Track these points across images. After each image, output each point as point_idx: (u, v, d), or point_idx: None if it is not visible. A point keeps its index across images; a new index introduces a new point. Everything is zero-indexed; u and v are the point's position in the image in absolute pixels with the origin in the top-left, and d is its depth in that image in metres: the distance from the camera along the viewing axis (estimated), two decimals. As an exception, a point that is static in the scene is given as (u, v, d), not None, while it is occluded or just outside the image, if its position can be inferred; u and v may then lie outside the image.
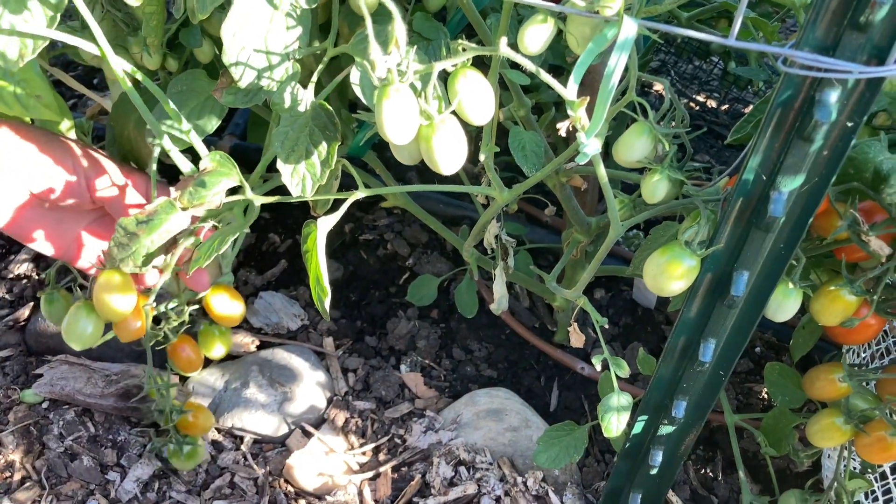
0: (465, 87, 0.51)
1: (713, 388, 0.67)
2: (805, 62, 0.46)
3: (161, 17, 0.70)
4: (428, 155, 0.52)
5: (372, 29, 0.43)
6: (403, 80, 0.48)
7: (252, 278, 1.07)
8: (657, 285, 0.57)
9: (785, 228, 0.54)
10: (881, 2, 0.42)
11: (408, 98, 0.48)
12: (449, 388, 0.98)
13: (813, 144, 0.49)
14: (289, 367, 0.95)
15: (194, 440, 0.82)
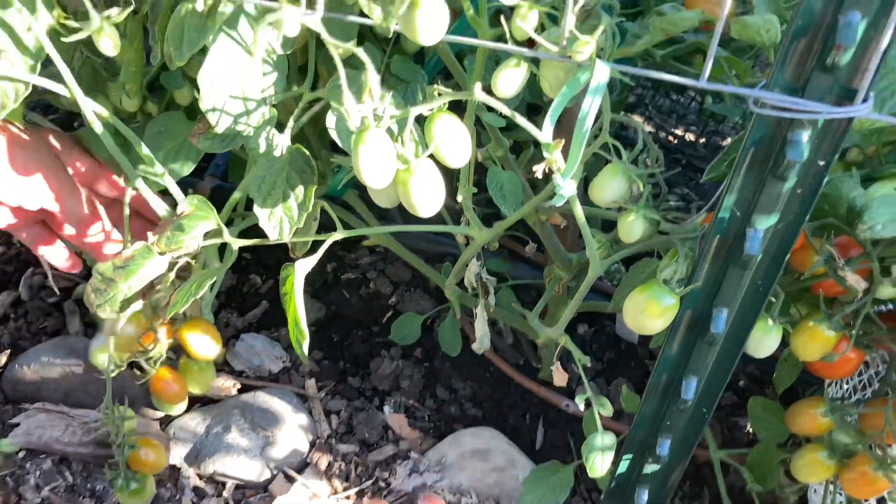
0: (441, 132, 0.51)
1: (697, 426, 0.66)
2: (775, 103, 0.46)
3: (139, 64, 0.70)
4: (406, 198, 0.52)
5: (345, 78, 0.44)
6: (379, 125, 0.48)
7: (233, 320, 1.06)
8: (637, 324, 0.58)
9: (762, 266, 0.54)
10: (845, 46, 0.43)
11: (384, 143, 0.48)
12: (433, 428, 0.97)
13: (787, 183, 0.49)
14: (271, 411, 0.94)
15: (144, 477, 0.80)
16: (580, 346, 1.07)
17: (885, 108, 0.57)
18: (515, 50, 0.49)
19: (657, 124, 1.75)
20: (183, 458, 0.91)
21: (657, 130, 1.73)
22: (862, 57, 0.44)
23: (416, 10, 0.43)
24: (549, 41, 0.48)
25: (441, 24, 0.45)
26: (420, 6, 0.43)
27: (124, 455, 0.78)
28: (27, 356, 0.97)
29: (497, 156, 0.73)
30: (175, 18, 0.55)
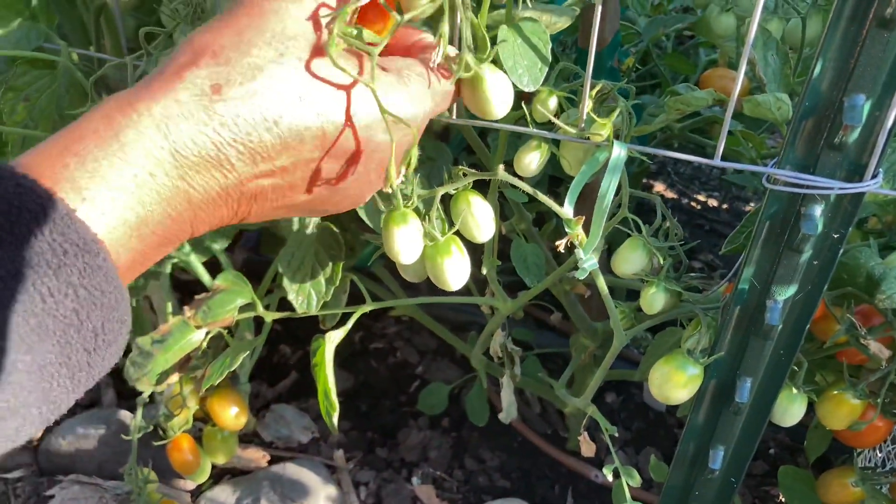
0: (469, 210, 0.54)
1: (726, 496, 0.66)
2: (787, 179, 0.48)
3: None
4: (434, 274, 0.54)
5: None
6: (409, 204, 0.51)
7: (263, 391, 1.08)
8: (663, 394, 0.58)
9: (783, 335, 0.55)
10: (852, 126, 0.45)
11: (414, 223, 0.50)
12: (462, 499, 0.97)
13: (803, 255, 0.51)
14: (300, 483, 0.94)
15: None
16: (608, 415, 1.07)
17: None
18: (536, 133, 0.51)
19: (680, 190, 1.77)
20: (213, 531, 0.91)
21: (680, 197, 1.75)
22: (869, 135, 0.46)
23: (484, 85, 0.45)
24: (567, 123, 0.51)
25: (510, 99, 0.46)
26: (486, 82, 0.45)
27: None
28: (62, 428, 1.00)
29: (520, 228, 0.75)
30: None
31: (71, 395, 0.34)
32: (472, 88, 0.44)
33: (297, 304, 0.67)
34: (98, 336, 0.34)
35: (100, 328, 0.34)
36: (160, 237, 0.37)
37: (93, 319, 0.33)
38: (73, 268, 0.32)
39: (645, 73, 1.22)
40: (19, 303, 0.31)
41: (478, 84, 0.44)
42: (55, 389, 0.33)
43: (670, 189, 1.76)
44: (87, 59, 0.62)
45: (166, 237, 0.37)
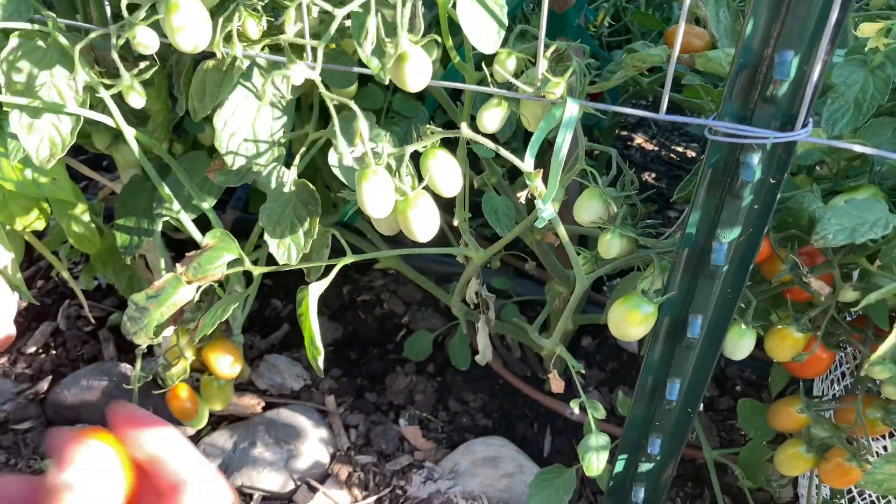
0: (435, 166, 0.58)
1: (683, 425, 0.72)
2: (726, 131, 0.52)
3: (166, 114, 0.78)
4: (405, 226, 0.58)
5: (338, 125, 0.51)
6: (379, 162, 0.55)
7: (257, 342, 1.13)
8: (620, 331, 0.63)
9: (729, 275, 0.60)
10: (781, 80, 0.49)
11: (384, 179, 0.55)
12: (446, 438, 1.03)
13: (744, 200, 0.55)
14: (293, 426, 1.00)
15: None
16: (584, 358, 1.13)
17: (836, 128, 0.62)
18: (495, 92, 0.55)
19: (660, 142, 1.81)
20: (213, 473, 0.97)
21: (660, 148, 1.79)
22: (798, 88, 0.50)
23: (404, 64, 0.50)
24: (525, 83, 0.55)
25: (425, 74, 0.52)
26: (408, 60, 0.50)
27: None
28: (67, 381, 1.05)
29: (492, 182, 0.79)
30: (198, 75, 0.62)
31: None
32: (397, 65, 0.49)
33: (278, 257, 0.71)
34: None
35: None
36: None
37: None
38: None
39: (621, 28, 1.25)
40: None
41: (401, 62, 0.48)
42: None
43: (650, 141, 1.80)
44: (74, 29, 0.65)
45: None
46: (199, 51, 0.58)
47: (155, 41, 0.57)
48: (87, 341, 1.13)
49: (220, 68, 0.61)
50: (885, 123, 0.66)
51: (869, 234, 0.56)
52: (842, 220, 0.57)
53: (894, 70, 0.61)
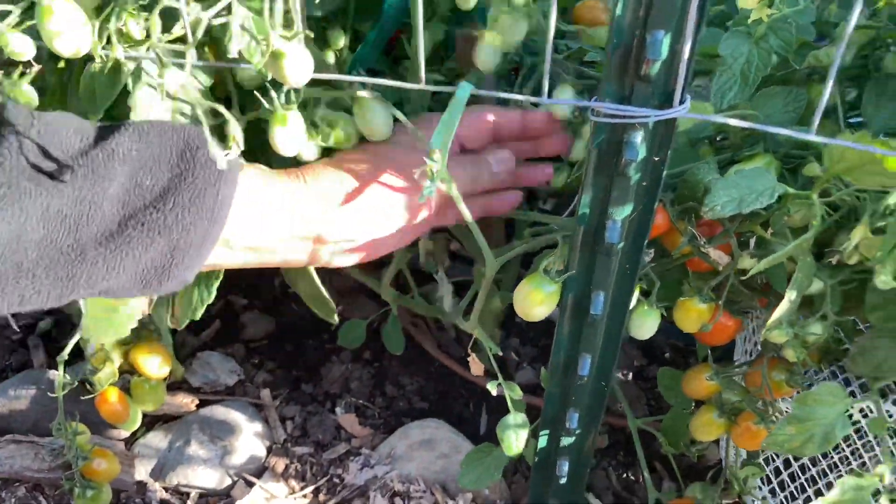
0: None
1: (599, 398, 0.73)
2: (608, 111, 0.53)
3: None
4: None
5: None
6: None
7: (189, 340, 1.12)
8: (524, 310, 0.64)
9: (625, 251, 0.61)
10: (653, 59, 0.50)
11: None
12: (384, 424, 1.04)
13: (631, 179, 0.56)
14: (227, 422, 1.00)
15: (99, 485, 0.86)
16: (518, 335, 1.14)
17: (725, 100, 0.63)
18: (389, 83, 0.55)
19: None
20: (148, 474, 0.97)
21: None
22: (672, 66, 0.51)
23: (281, 61, 0.50)
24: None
25: (306, 69, 0.51)
26: (285, 57, 0.50)
27: (78, 466, 0.84)
28: (-5, 392, 1.03)
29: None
30: (84, 77, 0.61)
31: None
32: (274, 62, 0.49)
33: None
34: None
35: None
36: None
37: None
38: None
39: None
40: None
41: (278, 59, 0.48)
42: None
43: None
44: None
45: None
46: (82, 54, 0.57)
47: (30, 48, 0.56)
48: (14, 350, 1.11)
49: (105, 70, 0.60)
50: (776, 93, 0.68)
51: (756, 204, 0.58)
52: (730, 190, 0.58)
53: (777, 41, 0.63)
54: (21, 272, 0.47)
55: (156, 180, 0.50)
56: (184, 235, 0.50)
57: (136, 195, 0.50)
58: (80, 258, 0.48)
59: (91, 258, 0.49)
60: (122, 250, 0.49)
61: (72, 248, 0.48)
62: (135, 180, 0.50)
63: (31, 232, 0.47)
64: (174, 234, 0.50)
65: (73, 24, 0.54)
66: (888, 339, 0.65)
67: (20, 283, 0.47)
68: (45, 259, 0.47)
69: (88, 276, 0.49)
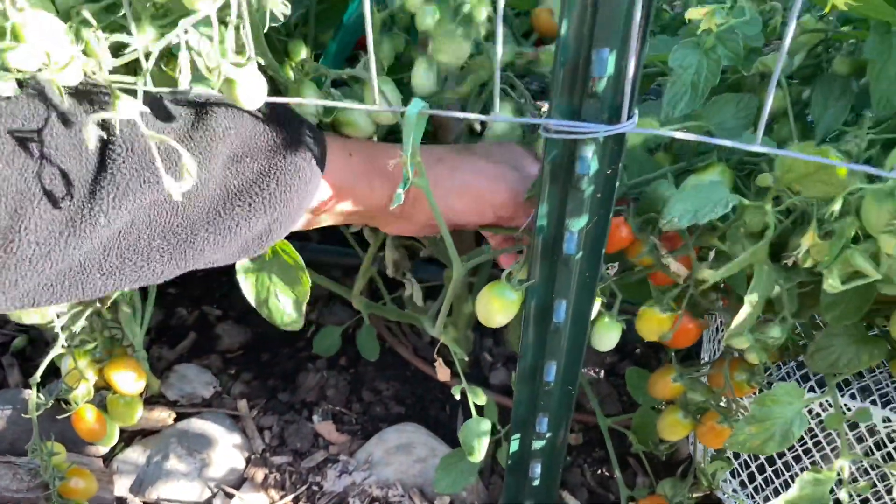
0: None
1: (566, 402, 0.75)
2: (558, 127, 0.54)
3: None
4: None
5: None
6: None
7: (165, 353, 1.13)
8: (485, 317, 0.65)
9: (583, 260, 0.62)
10: (599, 76, 0.51)
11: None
12: (361, 430, 1.05)
13: (584, 192, 0.57)
14: (205, 435, 1.01)
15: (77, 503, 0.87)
16: (493, 335, 1.16)
17: (677, 110, 0.64)
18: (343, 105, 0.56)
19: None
20: (128, 489, 0.97)
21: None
22: (618, 83, 0.52)
23: (234, 88, 0.50)
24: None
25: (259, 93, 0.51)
26: (237, 84, 0.50)
27: (55, 486, 0.84)
28: (-30, 412, 1.03)
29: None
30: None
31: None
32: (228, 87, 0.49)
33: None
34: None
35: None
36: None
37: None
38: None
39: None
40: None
41: (230, 85, 0.49)
42: None
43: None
44: None
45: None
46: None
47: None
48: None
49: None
50: (727, 100, 0.69)
51: (711, 214, 0.58)
52: (686, 203, 0.59)
53: (725, 51, 0.64)
54: (138, 252, 0.51)
55: (255, 158, 0.54)
56: (283, 210, 0.55)
57: (239, 173, 0.53)
58: (192, 237, 0.53)
59: (202, 237, 0.53)
60: (229, 228, 0.54)
61: (181, 227, 0.52)
62: (236, 158, 0.53)
63: (144, 217, 0.50)
64: (276, 210, 0.55)
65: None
66: (842, 337, 0.67)
67: (137, 262, 0.52)
68: (158, 240, 0.52)
69: (198, 253, 0.54)
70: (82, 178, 0.47)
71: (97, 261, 0.50)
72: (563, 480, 0.99)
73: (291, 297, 0.73)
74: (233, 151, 0.53)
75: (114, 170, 0.48)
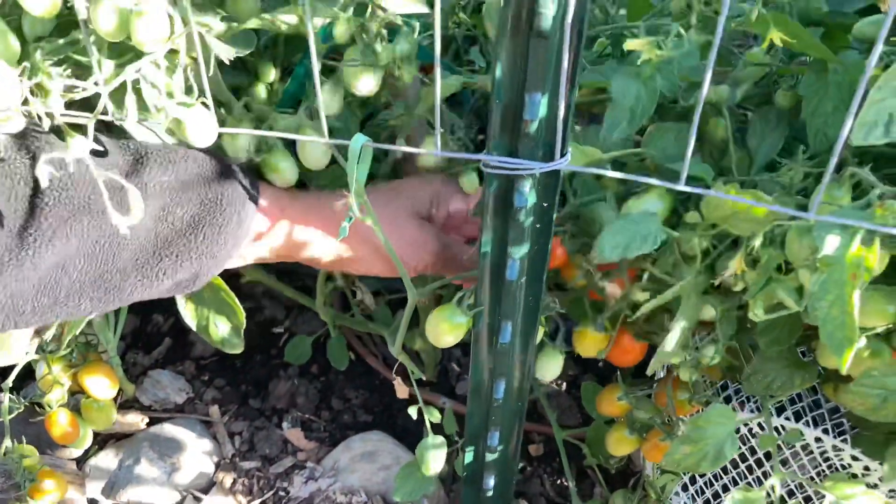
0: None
1: (516, 418, 0.78)
2: (497, 163, 0.57)
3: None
4: None
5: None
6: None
7: (140, 359, 1.16)
8: (434, 338, 0.68)
9: (527, 285, 0.65)
10: (531, 119, 0.53)
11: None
12: (329, 437, 1.08)
13: (524, 222, 0.60)
14: (176, 440, 1.03)
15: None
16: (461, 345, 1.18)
17: (615, 135, 0.67)
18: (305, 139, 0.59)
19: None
20: (100, 492, 1.00)
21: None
22: (552, 123, 0.54)
23: (183, 127, 0.53)
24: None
25: (209, 131, 0.54)
26: (186, 124, 0.53)
27: (26, 487, 0.87)
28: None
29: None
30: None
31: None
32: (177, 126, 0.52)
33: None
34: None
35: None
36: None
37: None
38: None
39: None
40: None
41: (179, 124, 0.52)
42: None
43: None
44: None
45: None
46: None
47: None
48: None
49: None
50: (669, 128, 0.72)
51: (640, 249, 0.61)
52: (616, 237, 0.62)
53: (664, 81, 0.66)
54: (69, 295, 0.54)
55: (185, 209, 0.57)
56: (210, 260, 0.59)
57: (168, 223, 0.56)
58: (121, 284, 0.56)
59: (130, 283, 0.56)
60: (157, 276, 0.57)
61: (111, 273, 0.55)
62: (167, 209, 0.56)
63: (74, 262, 0.53)
64: (203, 260, 0.58)
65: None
66: (775, 362, 0.70)
67: (68, 303, 0.55)
68: (88, 285, 0.55)
69: (128, 294, 0.57)
70: (12, 221, 0.49)
71: (29, 299, 0.53)
72: (522, 490, 1.02)
73: (229, 324, 0.75)
74: (164, 202, 0.55)
75: (42, 217, 0.50)
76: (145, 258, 0.56)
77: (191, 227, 0.57)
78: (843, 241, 0.52)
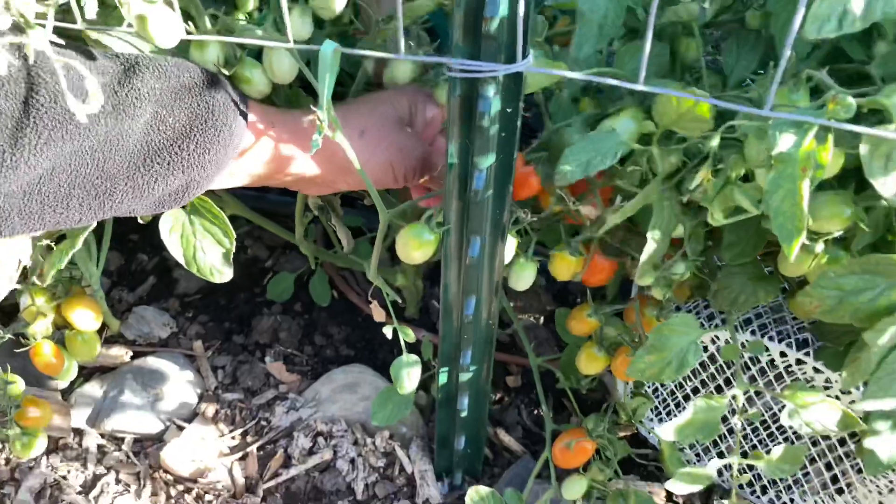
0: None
1: (488, 336, 0.79)
2: (459, 67, 0.57)
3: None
4: None
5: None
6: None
7: (125, 296, 1.17)
8: (404, 255, 0.69)
9: (493, 198, 0.66)
10: (490, 16, 0.54)
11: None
12: (311, 371, 1.09)
13: (489, 130, 0.61)
14: (159, 372, 1.05)
15: (33, 431, 0.91)
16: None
17: (583, 51, 0.68)
18: (272, 45, 0.59)
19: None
20: (85, 421, 1.02)
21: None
22: (512, 23, 0.55)
23: (146, 24, 0.54)
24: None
25: (174, 30, 0.55)
26: (148, 20, 0.53)
27: (11, 414, 0.89)
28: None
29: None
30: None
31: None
32: (141, 25, 0.52)
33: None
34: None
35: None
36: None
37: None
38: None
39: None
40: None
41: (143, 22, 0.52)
42: None
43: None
44: None
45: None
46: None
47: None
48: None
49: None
50: (639, 47, 0.72)
51: (601, 165, 0.61)
52: (578, 155, 0.62)
53: (633, -5, 0.67)
54: (58, 199, 0.54)
55: (177, 118, 0.57)
56: (200, 171, 0.58)
57: (160, 132, 0.57)
58: (111, 190, 0.56)
59: (121, 190, 0.56)
60: (147, 184, 0.57)
61: (101, 179, 0.55)
62: (158, 117, 0.56)
63: (65, 166, 0.53)
64: (194, 170, 0.58)
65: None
66: (740, 277, 0.71)
67: (57, 209, 0.55)
68: (78, 189, 0.54)
69: (117, 204, 0.57)
70: (4, 124, 0.50)
71: (17, 204, 0.53)
72: (499, 420, 1.04)
73: (217, 248, 0.76)
74: (156, 110, 0.56)
75: (37, 118, 0.50)
76: (136, 165, 0.56)
77: (182, 135, 0.57)
78: (797, 139, 0.52)
